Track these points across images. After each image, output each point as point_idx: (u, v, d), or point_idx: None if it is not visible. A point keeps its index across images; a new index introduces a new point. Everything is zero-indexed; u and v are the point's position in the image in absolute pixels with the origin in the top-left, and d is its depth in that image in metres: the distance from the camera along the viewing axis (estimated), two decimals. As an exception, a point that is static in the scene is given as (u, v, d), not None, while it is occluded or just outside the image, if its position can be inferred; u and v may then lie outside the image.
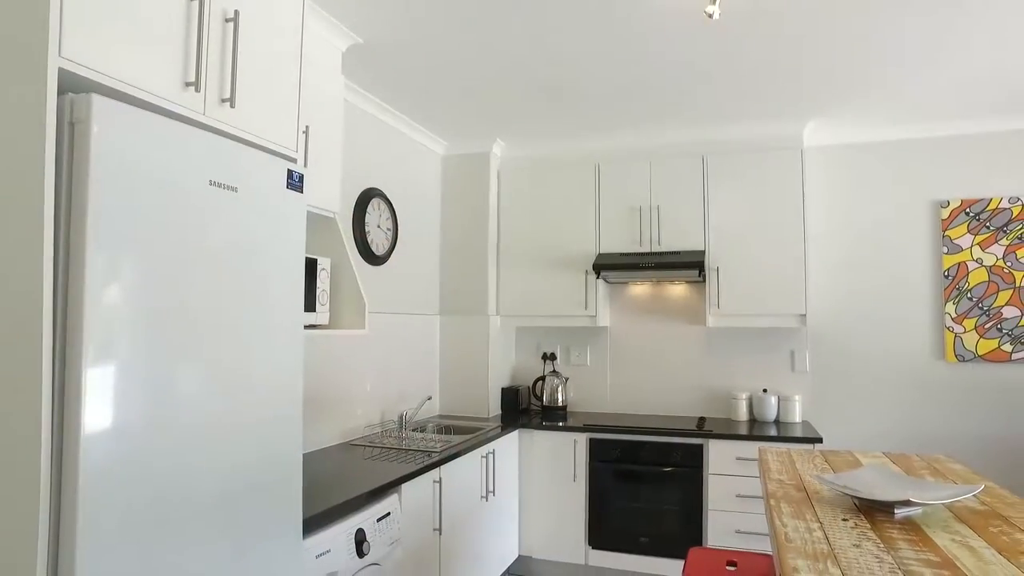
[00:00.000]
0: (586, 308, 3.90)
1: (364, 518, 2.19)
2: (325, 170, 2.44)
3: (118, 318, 1.27)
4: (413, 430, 3.43)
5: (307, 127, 2.30)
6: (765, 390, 3.86)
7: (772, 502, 1.86)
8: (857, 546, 1.48)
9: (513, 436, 3.64)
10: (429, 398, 3.48)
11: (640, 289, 4.17)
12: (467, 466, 3.05)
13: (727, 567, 2.27)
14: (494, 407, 4.01)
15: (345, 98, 3.17)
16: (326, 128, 2.46)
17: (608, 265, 3.71)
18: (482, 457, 3.21)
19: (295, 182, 1.73)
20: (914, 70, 2.93)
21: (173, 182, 1.38)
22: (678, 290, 4.09)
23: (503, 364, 4.19)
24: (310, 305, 2.31)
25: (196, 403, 1.44)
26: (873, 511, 1.74)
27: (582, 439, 3.61)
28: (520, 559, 3.76)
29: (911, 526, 1.62)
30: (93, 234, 1.22)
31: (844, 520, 1.68)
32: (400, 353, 3.61)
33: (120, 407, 1.27)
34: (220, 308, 1.50)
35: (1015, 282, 3.55)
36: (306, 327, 2.32)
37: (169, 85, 1.44)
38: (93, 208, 1.22)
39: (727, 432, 3.42)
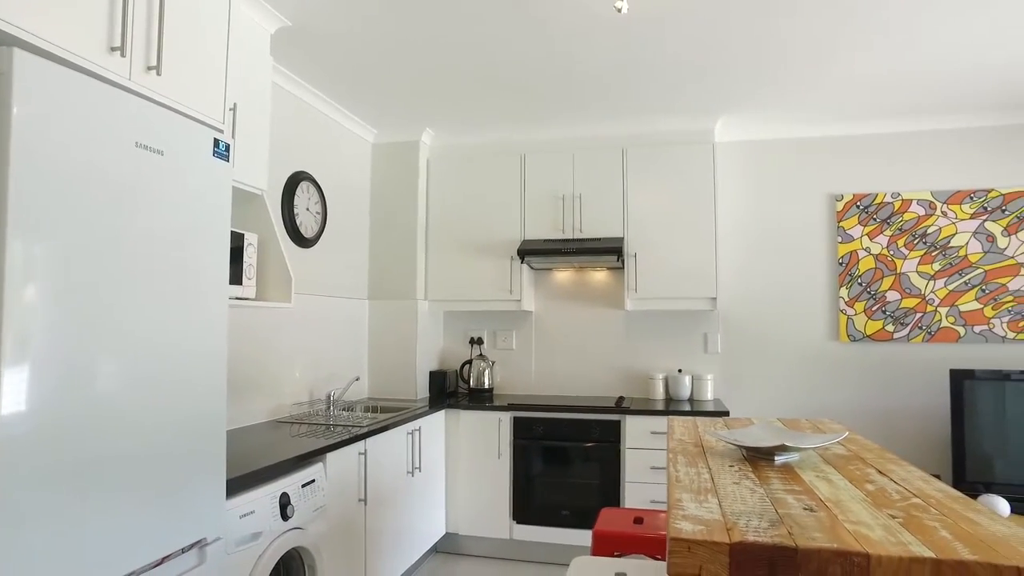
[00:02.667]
0: (512, 293, 4.05)
1: (289, 483, 2.26)
2: (253, 148, 2.50)
3: (35, 279, 1.30)
4: (341, 409, 3.49)
5: (235, 104, 2.35)
6: (680, 370, 4.12)
7: (671, 456, 2.04)
8: (737, 483, 1.67)
9: (440, 415, 3.75)
10: (357, 378, 3.55)
11: (563, 275, 4.35)
12: (393, 441, 3.15)
13: (634, 523, 2.45)
14: (422, 390, 4.11)
15: (277, 82, 3.22)
16: (254, 107, 2.52)
17: (532, 251, 3.87)
18: (408, 433, 3.31)
19: (221, 151, 1.79)
20: (808, 73, 3.21)
21: (98, 141, 1.43)
22: (599, 276, 4.29)
23: (431, 348, 4.29)
24: (236, 278, 2.36)
25: (117, 365, 1.49)
26: (757, 459, 1.95)
27: (506, 418, 3.76)
28: (447, 536, 3.87)
29: (787, 469, 1.83)
30: (15, 189, 1.26)
31: (731, 467, 1.87)
32: (329, 335, 3.67)
33: (37, 374, 1.30)
34: (145, 271, 1.56)
35: (896, 269, 3.91)
36: (232, 299, 2.37)
37: (93, 48, 1.49)
38: (15, 160, 1.26)
39: (643, 409, 3.63)
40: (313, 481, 2.41)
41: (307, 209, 3.45)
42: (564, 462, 3.69)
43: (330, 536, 2.55)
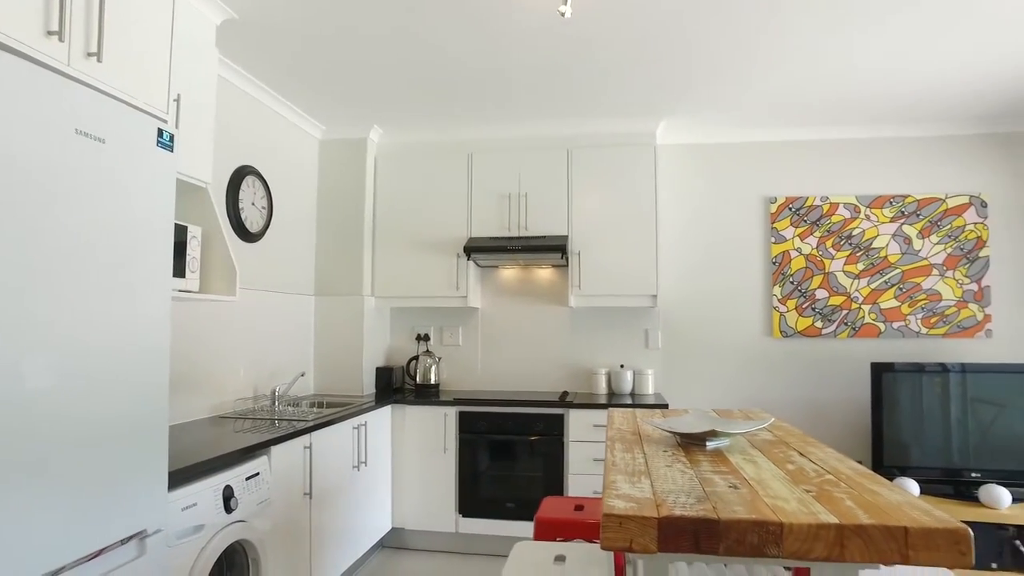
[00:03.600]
0: (458, 290, 4.10)
1: (233, 476, 2.26)
2: (197, 140, 2.48)
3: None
4: (287, 405, 3.47)
5: (179, 95, 2.32)
6: (622, 365, 4.24)
7: (609, 443, 2.13)
8: (669, 466, 1.77)
9: (386, 410, 3.77)
10: (303, 374, 3.54)
11: (509, 272, 4.43)
12: (339, 435, 3.15)
13: (575, 510, 2.53)
14: (368, 386, 4.12)
15: (223, 76, 3.19)
16: (199, 99, 2.49)
17: (479, 248, 3.93)
18: (354, 428, 3.32)
19: (165, 141, 1.79)
20: (741, 80, 3.37)
21: (34, 127, 1.41)
22: (544, 273, 4.39)
23: (378, 344, 4.30)
24: (180, 271, 2.34)
25: (51, 361, 1.47)
26: (690, 445, 2.05)
27: (452, 412, 3.81)
28: (394, 530, 3.89)
29: (717, 453, 1.94)
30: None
31: (665, 452, 1.97)
32: (274, 331, 3.64)
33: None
34: (83, 262, 1.54)
35: (825, 269, 4.14)
36: (176, 292, 2.34)
37: (29, 32, 1.47)
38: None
39: (586, 403, 3.73)
40: (257, 474, 2.41)
41: (252, 204, 3.42)
42: (509, 455, 3.76)
43: (275, 530, 2.55)
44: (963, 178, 4.11)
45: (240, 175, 3.30)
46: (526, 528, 3.70)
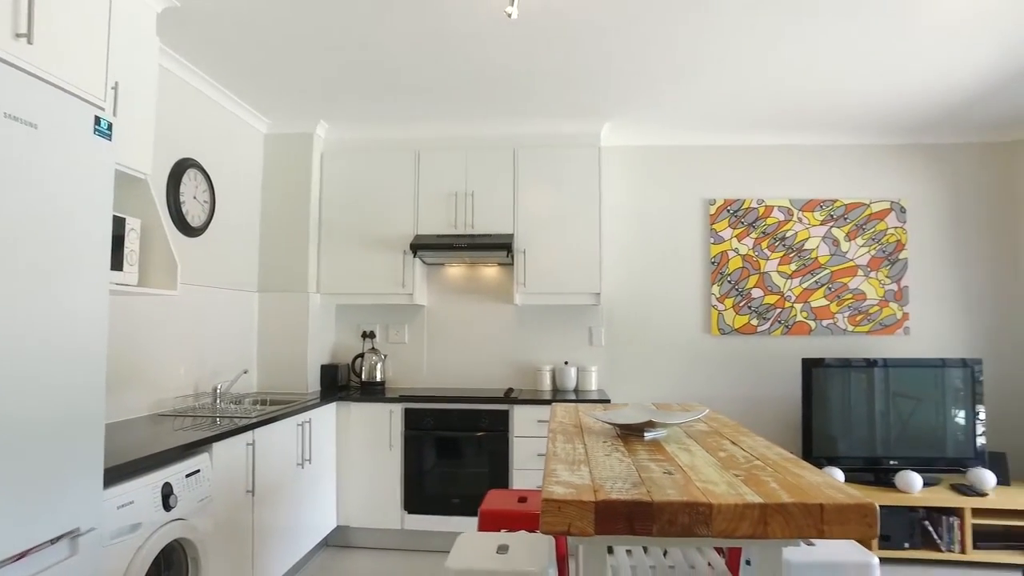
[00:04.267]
0: (404, 287, 4.11)
1: (172, 472, 2.22)
2: (136, 130, 2.42)
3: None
4: (229, 403, 3.41)
5: (117, 83, 2.27)
6: (566, 362, 4.33)
7: (551, 435, 2.19)
8: (608, 455, 1.84)
9: (331, 407, 3.75)
10: (246, 371, 3.48)
11: (455, 270, 4.46)
12: (283, 432, 3.12)
13: (519, 502, 2.58)
14: (313, 383, 4.08)
15: (165, 65, 3.11)
16: (139, 88, 2.44)
17: (425, 245, 3.95)
18: (298, 425, 3.29)
19: (103, 129, 1.75)
20: (682, 85, 3.49)
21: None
22: (490, 271, 4.43)
23: (323, 341, 4.26)
24: (117, 264, 2.28)
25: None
26: (629, 436, 2.13)
27: (398, 409, 3.81)
28: (338, 528, 3.86)
29: (654, 443, 2.02)
30: None
31: (604, 443, 2.04)
32: (216, 327, 3.57)
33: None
34: (13, 251, 1.50)
35: (760, 269, 4.32)
36: (113, 285, 2.29)
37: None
38: None
39: (530, 399, 3.79)
40: (198, 471, 2.37)
41: (194, 197, 3.35)
42: (455, 452, 3.79)
43: (216, 528, 2.51)
44: (886, 185, 4.35)
45: (181, 168, 3.23)
46: (472, 524, 3.74)
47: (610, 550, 2.46)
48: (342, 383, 4.25)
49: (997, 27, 2.81)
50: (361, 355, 4.27)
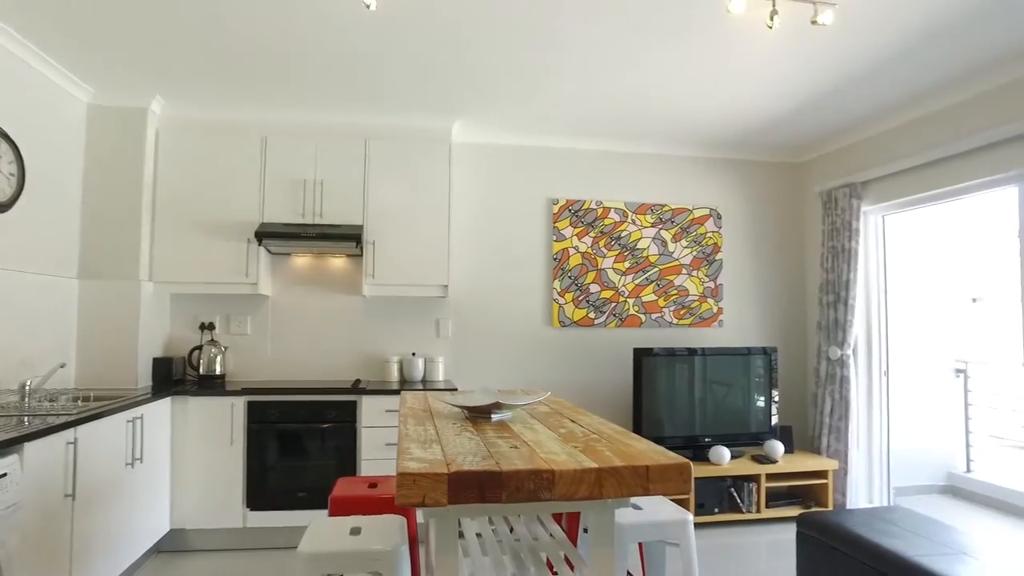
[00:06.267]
0: (248, 276, 3.95)
1: (-22, 475, 2.00)
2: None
3: None
4: (42, 399, 3.09)
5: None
6: (414, 354, 4.39)
7: (402, 419, 2.26)
8: (458, 435, 1.94)
9: (165, 402, 3.52)
10: (62, 365, 3.17)
11: (302, 260, 4.35)
12: (110, 430, 2.90)
13: (369, 488, 2.62)
14: (144, 378, 3.79)
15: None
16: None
17: (271, 234, 3.82)
18: (128, 422, 3.07)
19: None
20: (530, 91, 3.69)
21: None
22: (338, 262, 4.38)
23: (155, 333, 3.97)
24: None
25: None
26: (477, 418, 2.25)
27: (240, 403, 3.66)
28: (172, 532, 3.63)
29: (501, 423, 2.15)
30: None
31: (454, 424, 2.14)
32: (24, 316, 3.21)
33: None
34: None
35: (598, 265, 4.66)
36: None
37: None
38: None
39: (378, 389, 3.81)
40: (5, 475, 2.16)
41: (-1, 171, 2.99)
42: (301, 444, 3.71)
43: (25, 538, 2.29)
44: (706, 193, 4.89)
45: (-16, 137, 2.87)
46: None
47: (461, 535, 2.57)
48: (177, 377, 3.99)
49: (785, 70, 3.28)
50: (199, 347, 4.03)
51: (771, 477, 4.22)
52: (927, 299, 5.25)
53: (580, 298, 4.63)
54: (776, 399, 4.46)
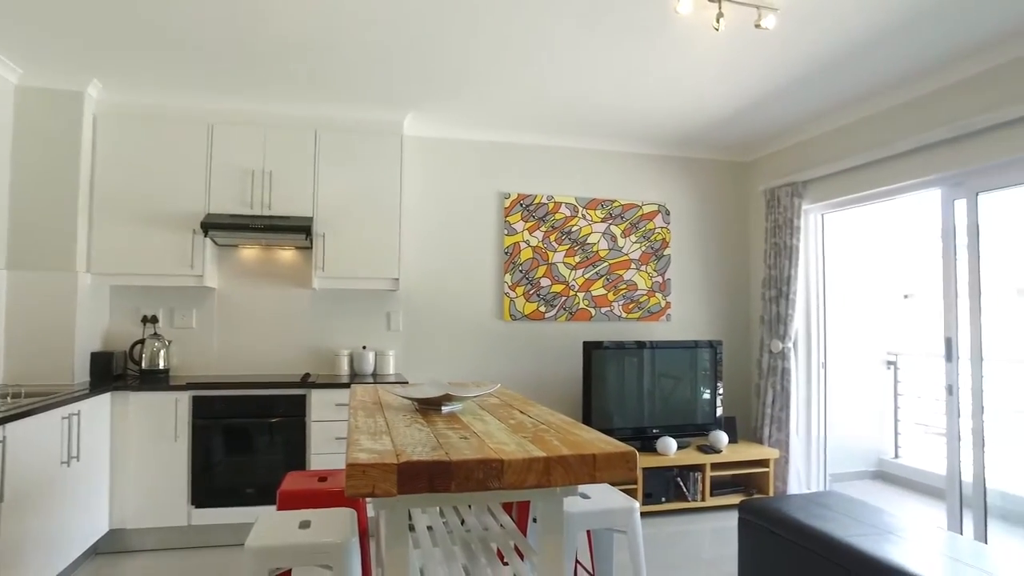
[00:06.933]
0: (193, 268, 3.85)
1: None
2: None
3: None
4: (-32, 397, 2.96)
5: None
6: (364, 347, 4.36)
7: (352, 411, 2.25)
8: (408, 426, 1.95)
9: (104, 398, 3.41)
10: (-9, 360, 3.04)
11: (250, 252, 4.26)
12: (43, 427, 2.79)
13: (319, 481, 2.60)
14: (81, 373, 3.66)
15: None
16: None
17: (217, 225, 3.73)
18: (63, 418, 2.96)
19: None
20: (482, 86, 3.69)
21: None
22: (287, 254, 4.31)
23: (93, 327, 3.83)
24: None
25: None
26: (427, 410, 2.26)
27: (184, 398, 3.57)
28: (111, 533, 3.51)
29: (451, 415, 2.17)
30: None
31: (404, 416, 2.15)
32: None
33: None
34: None
35: (549, 260, 4.71)
36: None
37: None
38: None
39: (328, 382, 3.78)
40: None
41: (-78, 156, 2.83)
42: (249, 440, 3.65)
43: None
44: (655, 189, 4.99)
45: (-94, 120, 2.72)
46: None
47: (412, 528, 2.57)
48: (118, 372, 3.86)
49: (731, 72, 3.38)
50: (141, 341, 3.91)
51: (716, 466, 4.35)
52: (862, 295, 5.49)
53: (531, 292, 4.67)
54: (721, 391, 4.59)
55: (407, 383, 3.82)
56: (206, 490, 3.59)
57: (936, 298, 3.63)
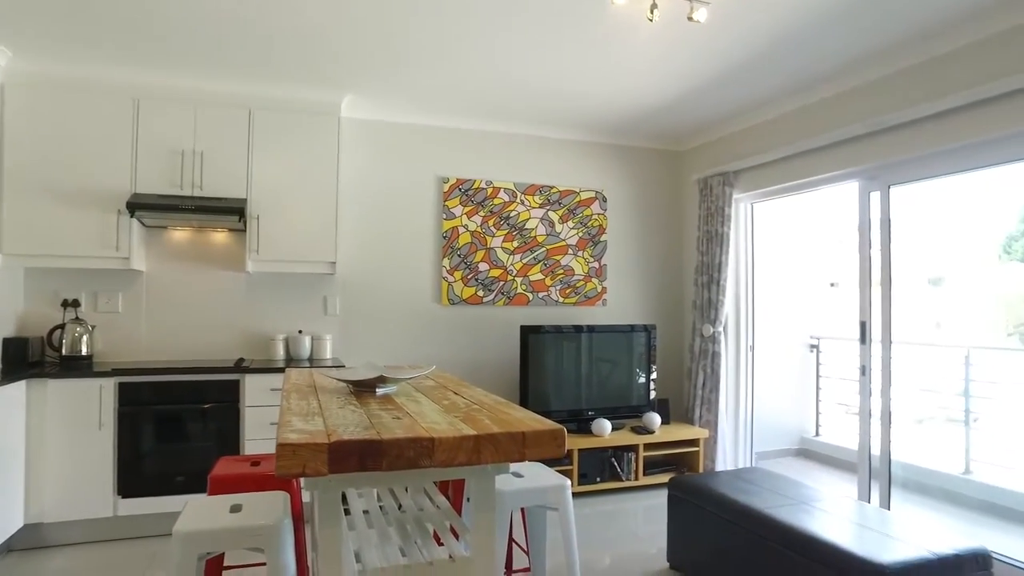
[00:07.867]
0: (118, 250, 3.70)
1: None
2: None
3: None
4: None
5: None
6: (300, 331, 4.30)
7: (285, 394, 2.23)
8: (341, 408, 1.95)
9: (18, 387, 3.25)
10: None
11: (181, 234, 4.13)
12: (-46, 415, 2.65)
13: (251, 466, 2.57)
14: (-6, 360, 3.49)
15: None
16: None
17: (145, 205, 3.60)
18: (-24, 406, 2.82)
19: None
20: (420, 69, 3.66)
21: None
22: (220, 237, 4.19)
23: (6, 311, 3.64)
24: None
25: None
26: (362, 393, 2.26)
27: (109, 384, 3.45)
28: (27, 528, 3.36)
29: (385, 397, 2.18)
30: None
31: (338, 398, 2.14)
32: None
33: None
34: None
35: (487, 244, 4.74)
36: None
37: None
38: None
39: (263, 367, 3.71)
40: None
41: None
42: (180, 427, 3.56)
43: None
44: (592, 176, 5.07)
45: None
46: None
47: (347, 512, 2.57)
48: (34, 359, 3.69)
49: (665, 63, 3.47)
50: (61, 326, 3.74)
51: (649, 447, 4.50)
52: (790, 282, 5.74)
53: (469, 276, 4.69)
54: (654, 374, 4.74)
55: (344, 367, 3.79)
56: (134, 479, 3.48)
57: (856, 286, 3.84)
